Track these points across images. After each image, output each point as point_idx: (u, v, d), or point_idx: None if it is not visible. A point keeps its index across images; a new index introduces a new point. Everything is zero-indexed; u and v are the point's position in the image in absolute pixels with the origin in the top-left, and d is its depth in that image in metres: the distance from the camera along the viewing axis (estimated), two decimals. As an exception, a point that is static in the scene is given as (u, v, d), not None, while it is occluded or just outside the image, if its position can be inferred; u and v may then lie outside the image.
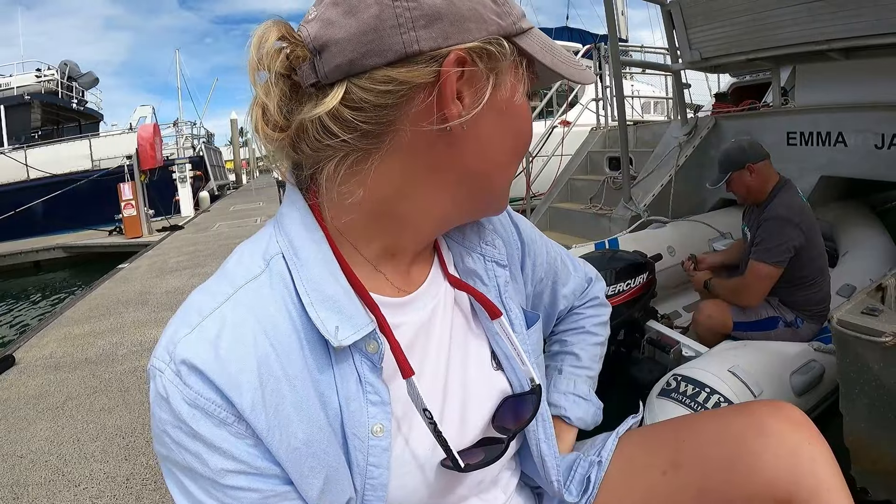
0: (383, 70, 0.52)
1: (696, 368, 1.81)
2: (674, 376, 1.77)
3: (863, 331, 1.45)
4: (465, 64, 0.54)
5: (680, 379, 1.74)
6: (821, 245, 2.47)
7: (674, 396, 1.70)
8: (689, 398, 1.68)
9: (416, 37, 0.51)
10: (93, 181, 11.92)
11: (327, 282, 0.59)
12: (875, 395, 1.45)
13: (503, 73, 0.57)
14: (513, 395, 0.73)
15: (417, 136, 0.55)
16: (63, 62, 18.14)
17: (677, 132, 4.06)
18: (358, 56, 0.52)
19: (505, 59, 0.56)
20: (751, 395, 1.71)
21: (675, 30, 3.76)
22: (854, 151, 3.05)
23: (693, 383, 1.72)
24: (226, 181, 22.20)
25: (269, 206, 13.46)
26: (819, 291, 2.45)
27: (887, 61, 3.06)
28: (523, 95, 0.60)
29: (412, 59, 0.52)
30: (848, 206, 3.75)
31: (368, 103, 0.53)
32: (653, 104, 10.72)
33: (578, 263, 0.99)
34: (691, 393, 1.69)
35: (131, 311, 5.00)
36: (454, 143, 0.57)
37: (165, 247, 8.87)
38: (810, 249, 2.39)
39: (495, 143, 0.60)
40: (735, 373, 1.76)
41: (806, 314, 2.45)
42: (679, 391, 1.71)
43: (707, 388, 1.70)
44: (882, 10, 2.58)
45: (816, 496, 0.68)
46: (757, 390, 1.74)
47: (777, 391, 1.84)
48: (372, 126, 0.54)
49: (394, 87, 0.52)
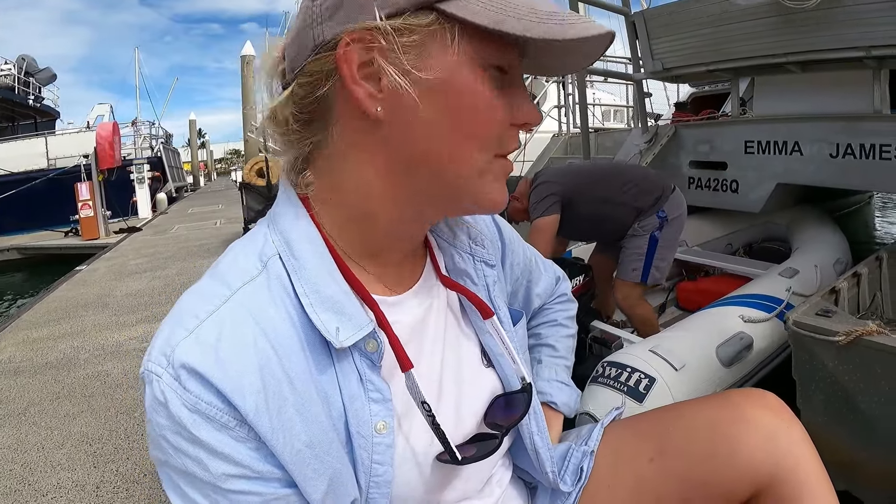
0: (306, 65, 0.57)
1: (622, 353, 1.90)
2: (602, 364, 1.85)
3: (817, 331, 1.54)
4: (368, 44, 0.53)
5: (607, 365, 1.82)
6: (598, 172, 2.75)
7: (600, 381, 1.77)
8: (613, 380, 1.76)
9: (322, 29, 0.55)
10: (48, 180, 11.57)
11: (325, 282, 0.59)
12: (830, 391, 1.54)
13: (425, 47, 0.53)
14: (504, 393, 0.74)
15: (353, 128, 0.58)
16: (21, 56, 17.58)
17: (638, 139, 4.14)
18: (294, 55, 0.58)
19: (419, 31, 0.52)
20: (672, 369, 1.79)
21: (639, 40, 3.84)
22: (809, 160, 3.16)
23: (616, 366, 1.80)
24: (184, 183, 21.78)
25: (228, 208, 13.12)
26: (640, 192, 2.58)
27: (842, 74, 3.21)
28: (474, 69, 0.54)
29: (320, 50, 0.55)
30: (803, 209, 3.91)
31: (300, 96, 0.58)
32: (612, 112, 10.94)
33: (548, 263, 1.04)
34: (615, 375, 1.77)
35: (91, 314, 4.87)
36: (389, 132, 0.57)
37: (124, 249, 8.66)
38: (581, 177, 2.67)
39: (433, 126, 0.55)
40: (656, 351, 1.84)
41: (653, 207, 2.56)
42: (605, 375, 1.79)
43: (628, 368, 1.78)
44: (837, 26, 2.72)
45: (795, 474, 0.74)
46: (679, 364, 1.81)
47: (702, 364, 1.91)
48: (309, 115, 0.59)
49: (311, 79, 0.57)
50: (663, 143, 3.94)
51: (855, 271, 2.22)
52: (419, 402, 0.61)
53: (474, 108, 0.55)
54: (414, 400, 0.61)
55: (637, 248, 2.57)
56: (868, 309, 2.23)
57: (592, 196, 2.58)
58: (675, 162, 3.97)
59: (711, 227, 3.87)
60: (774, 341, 2.18)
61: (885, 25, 2.56)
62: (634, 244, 2.58)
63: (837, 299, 1.95)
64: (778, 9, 2.84)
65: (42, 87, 18.74)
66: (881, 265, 2.43)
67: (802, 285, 2.58)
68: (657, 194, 2.56)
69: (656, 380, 1.74)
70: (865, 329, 1.43)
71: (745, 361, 2.05)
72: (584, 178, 2.67)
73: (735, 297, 2.43)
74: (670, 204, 2.57)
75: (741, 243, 4.04)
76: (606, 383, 1.76)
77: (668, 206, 2.56)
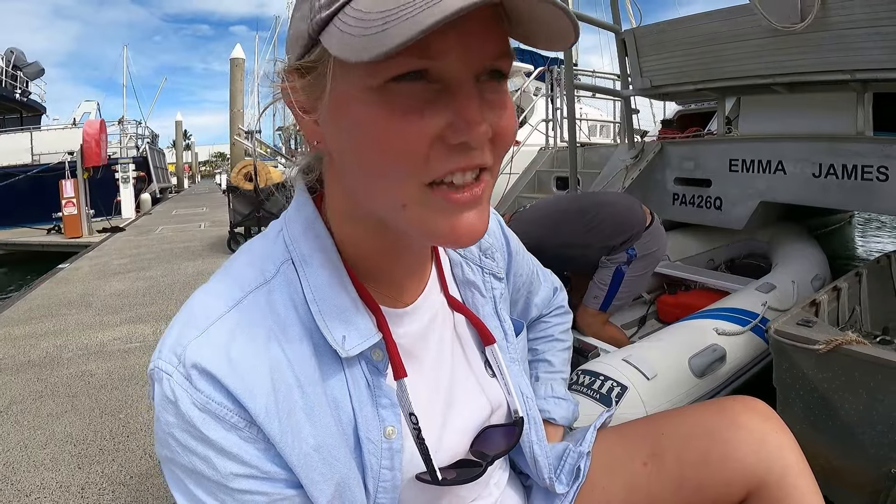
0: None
1: (596, 362, 1.94)
2: (576, 372, 1.88)
3: (798, 339, 1.58)
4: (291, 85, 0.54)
5: (581, 373, 1.86)
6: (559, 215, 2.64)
7: (574, 388, 1.81)
8: (587, 387, 1.80)
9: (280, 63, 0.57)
10: (32, 176, 11.41)
11: (335, 290, 0.59)
12: (809, 398, 1.59)
13: (320, 82, 0.51)
14: (493, 425, 0.73)
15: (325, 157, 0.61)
16: (9, 49, 17.34)
17: (624, 155, 4.17)
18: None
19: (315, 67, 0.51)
20: (644, 378, 1.83)
21: (628, 57, 3.89)
22: (792, 179, 3.22)
23: (590, 374, 1.84)
24: (168, 184, 21.58)
25: (213, 211, 13.10)
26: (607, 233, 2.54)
27: (827, 96, 3.29)
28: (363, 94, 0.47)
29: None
30: (784, 227, 3.98)
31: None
32: (599, 127, 11.05)
33: (546, 273, 1.06)
34: (588, 382, 1.81)
35: (74, 313, 4.82)
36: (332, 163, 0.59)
37: (107, 248, 8.57)
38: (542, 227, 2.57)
39: (347, 161, 0.54)
40: (629, 361, 1.88)
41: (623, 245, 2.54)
42: (578, 383, 1.83)
43: (601, 376, 1.82)
44: (824, 49, 2.80)
45: (784, 478, 0.77)
46: (651, 373, 1.85)
47: (674, 374, 1.95)
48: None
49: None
50: (649, 160, 3.98)
51: (835, 285, 2.27)
52: (407, 414, 0.62)
53: (371, 141, 0.48)
54: (402, 411, 0.62)
55: (601, 279, 2.59)
56: (847, 322, 2.30)
57: (555, 242, 2.54)
58: (660, 178, 4.03)
59: (694, 243, 3.93)
60: (748, 354, 2.22)
61: (870, 49, 2.64)
62: (600, 275, 2.60)
63: (818, 311, 2.00)
64: (767, 31, 2.91)
65: (29, 82, 18.49)
66: (861, 280, 2.50)
67: (779, 300, 2.63)
68: (627, 235, 2.53)
69: (628, 388, 1.78)
70: (845, 338, 1.48)
71: (718, 373, 2.09)
72: (546, 228, 2.59)
73: (711, 310, 2.47)
74: (643, 241, 2.55)
75: (723, 259, 4.10)
76: (580, 390, 1.80)
77: (640, 244, 2.54)
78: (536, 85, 9.75)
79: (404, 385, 0.61)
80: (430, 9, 0.39)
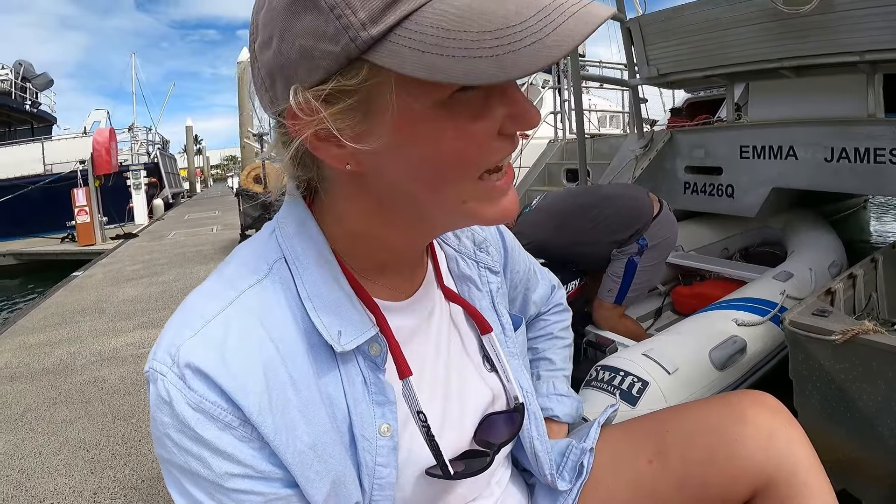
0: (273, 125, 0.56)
1: (615, 357, 1.90)
2: (595, 367, 1.85)
3: (814, 330, 1.54)
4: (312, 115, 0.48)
5: (600, 369, 1.83)
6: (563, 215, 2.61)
7: (594, 385, 1.78)
8: (607, 383, 1.77)
9: (270, 96, 0.52)
10: (45, 186, 11.52)
11: (329, 286, 0.59)
12: (826, 390, 1.55)
13: (369, 103, 0.48)
14: (495, 412, 0.73)
15: (336, 174, 0.57)
16: (18, 62, 17.56)
17: (634, 145, 4.14)
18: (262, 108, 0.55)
19: (357, 90, 0.47)
20: (665, 372, 1.79)
21: (634, 46, 3.85)
22: (804, 164, 3.17)
23: (610, 370, 1.81)
24: (180, 189, 21.81)
25: (225, 215, 13.17)
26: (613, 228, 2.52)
27: (836, 79, 3.23)
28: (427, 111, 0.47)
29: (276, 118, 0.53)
30: (798, 213, 3.93)
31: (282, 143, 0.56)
32: (608, 118, 10.99)
33: (544, 271, 1.06)
34: (608, 378, 1.78)
35: (88, 320, 4.86)
36: (365, 181, 0.55)
37: (120, 255, 8.65)
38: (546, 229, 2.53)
39: (403, 175, 0.52)
40: (649, 355, 1.84)
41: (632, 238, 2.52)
42: (598, 379, 1.80)
43: (621, 371, 1.78)
44: (832, 31, 2.74)
45: (794, 475, 0.74)
46: (671, 368, 1.82)
47: (695, 367, 1.92)
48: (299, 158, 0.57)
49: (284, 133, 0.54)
50: (659, 149, 3.95)
51: (851, 273, 2.23)
52: (415, 413, 0.61)
53: (437, 156, 0.49)
54: (410, 410, 0.62)
55: (614, 272, 2.57)
56: (864, 310, 2.25)
57: (560, 242, 2.53)
58: (670, 167, 3.99)
59: (707, 232, 3.88)
60: (768, 344, 2.18)
61: (878, 30, 2.58)
62: (613, 267, 2.58)
63: (833, 300, 1.96)
64: (773, 14, 2.86)
65: (39, 93, 18.72)
66: (877, 266, 2.44)
67: (797, 289, 2.58)
68: (635, 226, 2.51)
69: (649, 383, 1.75)
70: (862, 328, 1.44)
71: (739, 365, 2.05)
72: (550, 229, 2.54)
73: (729, 300, 2.43)
74: (652, 231, 2.53)
75: (737, 248, 4.05)
76: (600, 387, 1.77)
77: (650, 233, 2.53)
78: (544, 77, 9.73)
79: (410, 384, 0.61)
80: (568, 22, 0.42)
